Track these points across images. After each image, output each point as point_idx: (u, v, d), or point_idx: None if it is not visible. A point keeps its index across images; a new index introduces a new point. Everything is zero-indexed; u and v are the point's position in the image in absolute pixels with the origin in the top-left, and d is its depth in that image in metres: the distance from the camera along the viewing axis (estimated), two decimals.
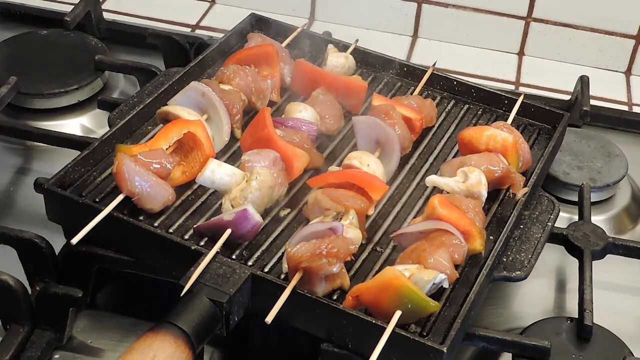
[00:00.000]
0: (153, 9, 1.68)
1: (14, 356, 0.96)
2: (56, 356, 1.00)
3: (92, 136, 1.29)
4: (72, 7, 1.51)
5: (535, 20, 1.61)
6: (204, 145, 1.08)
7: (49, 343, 0.99)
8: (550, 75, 1.60)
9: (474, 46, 1.66)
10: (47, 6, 1.64)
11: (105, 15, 1.58)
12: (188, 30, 1.64)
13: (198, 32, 1.63)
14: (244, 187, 1.01)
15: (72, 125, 1.35)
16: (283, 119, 1.15)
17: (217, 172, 1.02)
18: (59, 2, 1.68)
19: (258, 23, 1.39)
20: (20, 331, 0.98)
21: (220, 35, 1.56)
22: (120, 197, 1.00)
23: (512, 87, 1.57)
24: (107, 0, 1.71)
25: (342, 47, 1.33)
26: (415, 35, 1.68)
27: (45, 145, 1.27)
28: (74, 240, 0.95)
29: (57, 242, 1.04)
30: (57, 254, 1.03)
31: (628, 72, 1.63)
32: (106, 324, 1.04)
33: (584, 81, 1.41)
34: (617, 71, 1.63)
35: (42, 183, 1.07)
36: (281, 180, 1.06)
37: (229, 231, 0.98)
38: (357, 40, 1.34)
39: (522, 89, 1.56)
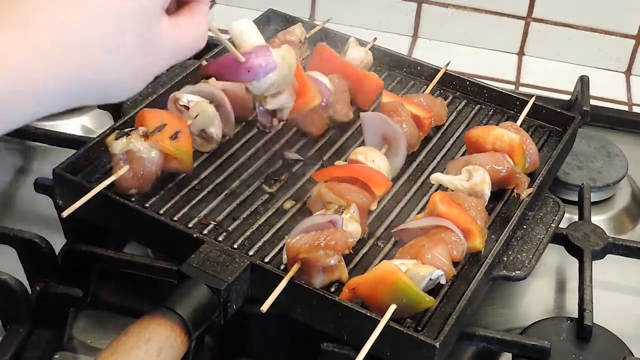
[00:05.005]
0: None
1: (14, 356, 0.96)
2: (56, 356, 0.99)
3: (92, 136, 1.29)
4: None
5: (535, 20, 1.61)
6: None
7: (49, 343, 0.99)
8: (550, 75, 1.60)
9: (474, 46, 1.66)
10: None
11: None
12: None
13: None
14: None
15: (72, 125, 1.35)
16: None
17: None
18: None
19: (276, 19, 1.38)
20: (20, 331, 0.98)
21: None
22: (111, 178, 1.01)
23: (512, 87, 1.57)
24: None
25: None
26: (415, 36, 1.68)
27: (45, 145, 1.27)
28: (65, 214, 0.95)
29: (57, 242, 1.04)
30: (57, 254, 1.03)
31: (628, 72, 1.63)
32: (106, 324, 1.04)
33: (584, 81, 1.40)
34: (617, 71, 1.63)
35: (43, 182, 1.08)
36: None
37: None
38: (375, 39, 1.33)
39: (522, 89, 1.56)
